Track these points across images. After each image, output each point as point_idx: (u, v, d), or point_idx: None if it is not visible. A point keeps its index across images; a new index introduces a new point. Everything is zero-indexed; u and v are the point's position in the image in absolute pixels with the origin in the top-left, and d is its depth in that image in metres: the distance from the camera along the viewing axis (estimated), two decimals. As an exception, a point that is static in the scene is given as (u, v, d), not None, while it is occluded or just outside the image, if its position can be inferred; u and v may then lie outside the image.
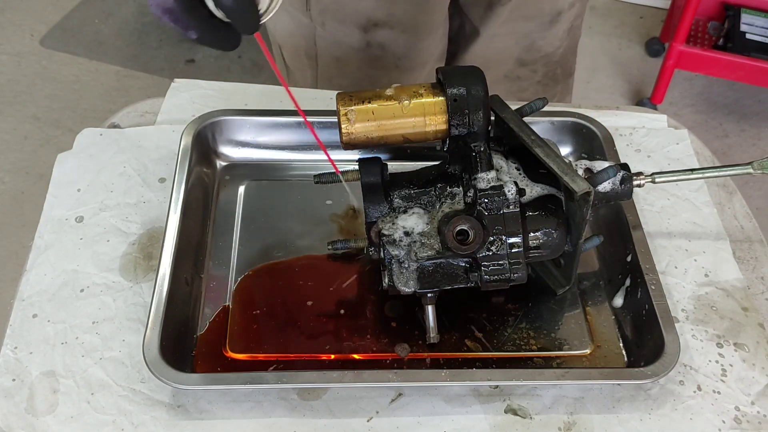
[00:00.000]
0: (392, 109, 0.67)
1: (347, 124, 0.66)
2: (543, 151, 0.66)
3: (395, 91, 0.67)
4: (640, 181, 0.72)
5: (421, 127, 0.67)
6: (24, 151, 2.04)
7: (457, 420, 0.65)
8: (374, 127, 0.67)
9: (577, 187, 0.63)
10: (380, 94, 0.67)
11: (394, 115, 0.67)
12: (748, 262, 0.79)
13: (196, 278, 0.74)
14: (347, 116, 0.66)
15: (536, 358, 0.70)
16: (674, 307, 0.73)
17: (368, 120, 0.66)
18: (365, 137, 0.67)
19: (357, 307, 0.73)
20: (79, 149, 0.85)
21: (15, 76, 2.26)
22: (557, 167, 0.65)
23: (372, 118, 0.66)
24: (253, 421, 0.65)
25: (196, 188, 0.79)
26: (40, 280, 0.73)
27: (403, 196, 0.69)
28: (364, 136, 0.67)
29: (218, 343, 0.69)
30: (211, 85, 0.94)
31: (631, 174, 0.71)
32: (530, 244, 0.67)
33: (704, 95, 2.30)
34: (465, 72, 0.68)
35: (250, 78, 2.26)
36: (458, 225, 0.65)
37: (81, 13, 2.49)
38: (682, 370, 0.69)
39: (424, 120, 0.67)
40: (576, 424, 0.66)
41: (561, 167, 0.65)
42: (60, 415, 0.64)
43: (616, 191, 0.71)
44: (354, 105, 0.66)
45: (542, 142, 0.68)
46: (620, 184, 0.70)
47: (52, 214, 0.79)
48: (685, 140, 0.90)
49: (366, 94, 0.67)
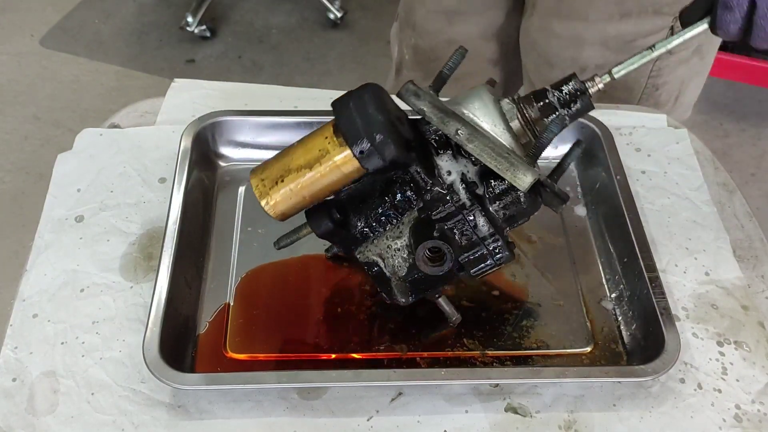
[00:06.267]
0: (307, 180, 0.62)
1: (271, 209, 0.64)
2: (476, 146, 0.61)
3: (303, 155, 0.63)
4: (597, 85, 0.64)
5: (341, 178, 0.62)
6: (24, 151, 2.04)
7: (457, 419, 0.65)
8: (298, 200, 0.64)
9: (521, 182, 0.60)
10: (289, 167, 0.63)
11: (311, 183, 0.63)
12: (748, 260, 0.79)
13: (196, 278, 0.74)
14: (267, 202, 0.64)
15: (536, 356, 0.70)
16: (675, 306, 0.73)
17: (290, 198, 0.64)
18: (295, 209, 0.65)
19: (356, 307, 0.73)
20: (79, 149, 0.85)
21: (15, 76, 2.26)
22: (496, 163, 0.61)
23: (291, 195, 0.63)
24: (253, 420, 0.65)
25: (196, 188, 0.79)
26: (40, 280, 0.73)
27: (364, 222, 0.66)
28: (293, 209, 0.65)
29: (218, 343, 0.69)
30: (211, 85, 0.94)
31: (583, 83, 0.64)
32: (503, 224, 0.65)
33: (704, 95, 2.28)
34: (353, 97, 0.61)
35: (250, 78, 2.26)
36: (424, 251, 0.64)
37: (81, 13, 2.49)
38: (682, 368, 0.69)
39: (340, 171, 0.62)
40: (576, 422, 0.66)
41: (499, 161, 0.61)
42: (60, 415, 0.64)
43: (578, 108, 0.64)
44: (269, 189, 0.63)
45: (475, 131, 0.61)
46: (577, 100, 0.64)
47: (52, 214, 0.79)
48: (685, 139, 0.90)
49: (274, 171, 0.64)
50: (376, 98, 0.61)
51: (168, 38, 2.41)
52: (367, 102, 0.60)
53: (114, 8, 2.51)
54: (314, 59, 2.37)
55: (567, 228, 0.81)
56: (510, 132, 0.63)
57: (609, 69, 0.64)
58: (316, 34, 2.46)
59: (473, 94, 0.64)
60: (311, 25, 2.49)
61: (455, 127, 0.61)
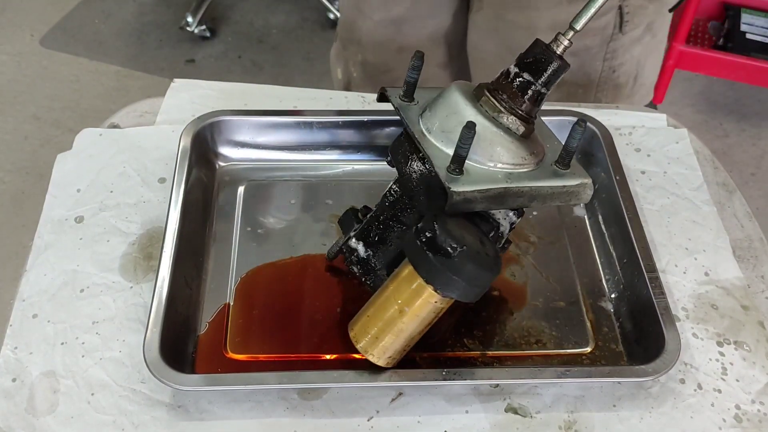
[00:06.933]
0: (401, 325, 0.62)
1: (382, 362, 0.63)
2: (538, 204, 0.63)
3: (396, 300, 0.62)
4: (562, 44, 0.61)
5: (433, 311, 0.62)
6: (24, 151, 2.04)
7: (458, 419, 0.65)
8: (402, 347, 0.63)
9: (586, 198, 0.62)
10: (387, 320, 0.62)
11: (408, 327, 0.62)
12: (748, 260, 0.79)
13: (196, 279, 0.74)
14: (376, 356, 0.63)
15: (536, 356, 0.70)
16: (674, 306, 0.73)
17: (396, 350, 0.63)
18: (401, 354, 0.64)
19: (357, 307, 0.73)
20: (78, 149, 0.85)
21: (15, 76, 2.26)
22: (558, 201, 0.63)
23: (394, 345, 0.63)
24: (253, 421, 0.65)
25: (196, 188, 0.79)
26: (40, 280, 0.73)
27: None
28: (400, 354, 0.64)
29: (218, 343, 0.69)
30: (210, 85, 0.94)
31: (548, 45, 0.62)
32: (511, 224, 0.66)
33: (704, 95, 2.30)
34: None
35: (250, 78, 2.26)
36: None
37: (81, 13, 2.49)
38: (682, 369, 0.69)
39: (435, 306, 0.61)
40: (576, 422, 0.66)
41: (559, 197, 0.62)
42: (60, 416, 0.64)
43: (552, 72, 0.62)
44: (372, 348, 0.63)
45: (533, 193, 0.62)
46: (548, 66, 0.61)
47: (52, 214, 0.79)
48: (685, 139, 0.90)
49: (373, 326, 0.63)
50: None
51: (168, 38, 2.41)
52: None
53: (114, 8, 2.51)
54: (314, 59, 2.37)
55: (567, 228, 0.81)
56: (517, 140, 0.62)
57: (570, 24, 0.61)
58: (316, 34, 2.46)
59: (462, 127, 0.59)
60: (311, 25, 2.49)
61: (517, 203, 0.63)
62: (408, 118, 0.65)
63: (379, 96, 0.69)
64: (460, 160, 0.59)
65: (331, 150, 0.86)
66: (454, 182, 0.59)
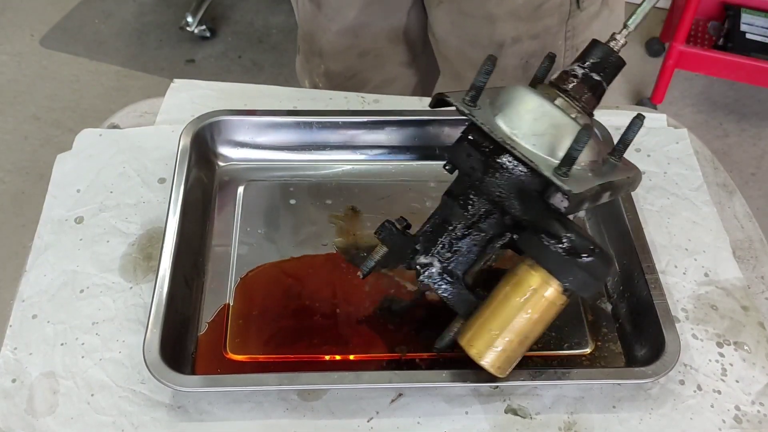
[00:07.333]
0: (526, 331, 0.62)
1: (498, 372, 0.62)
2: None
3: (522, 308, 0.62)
4: (619, 42, 0.66)
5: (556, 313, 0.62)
6: (24, 151, 2.04)
7: (458, 420, 0.65)
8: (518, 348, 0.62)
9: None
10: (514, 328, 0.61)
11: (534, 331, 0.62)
12: (748, 261, 0.79)
13: (196, 279, 0.74)
14: (492, 365, 0.62)
15: (536, 357, 0.70)
16: (674, 307, 0.73)
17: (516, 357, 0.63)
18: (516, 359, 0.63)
19: (357, 308, 0.73)
20: (78, 150, 0.85)
21: (15, 76, 2.26)
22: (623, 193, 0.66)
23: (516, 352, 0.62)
24: (253, 422, 0.65)
25: (196, 188, 0.79)
26: (39, 280, 0.73)
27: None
28: (515, 359, 0.63)
29: (218, 344, 0.69)
30: (210, 86, 0.94)
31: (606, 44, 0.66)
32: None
33: (704, 95, 2.30)
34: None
35: (250, 78, 2.26)
36: None
37: (81, 13, 2.49)
38: (682, 370, 0.69)
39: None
40: (576, 423, 0.65)
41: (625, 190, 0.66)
42: (60, 416, 0.64)
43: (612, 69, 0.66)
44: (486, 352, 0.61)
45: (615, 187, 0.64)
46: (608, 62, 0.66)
47: (52, 214, 0.79)
48: (685, 139, 0.90)
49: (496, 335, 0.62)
50: None
51: (168, 38, 2.41)
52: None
53: (114, 8, 2.51)
54: (314, 59, 2.37)
55: (567, 229, 0.81)
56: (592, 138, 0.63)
57: (624, 23, 0.66)
58: (316, 34, 2.46)
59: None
60: (311, 25, 2.49)
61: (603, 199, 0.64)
62: (486, 123, 0.62)
63: (436, 102, 0.66)
64: (572, 161, 0.58)
65: (331, 150, 0.86)
66: (570, 184, 0.58)
